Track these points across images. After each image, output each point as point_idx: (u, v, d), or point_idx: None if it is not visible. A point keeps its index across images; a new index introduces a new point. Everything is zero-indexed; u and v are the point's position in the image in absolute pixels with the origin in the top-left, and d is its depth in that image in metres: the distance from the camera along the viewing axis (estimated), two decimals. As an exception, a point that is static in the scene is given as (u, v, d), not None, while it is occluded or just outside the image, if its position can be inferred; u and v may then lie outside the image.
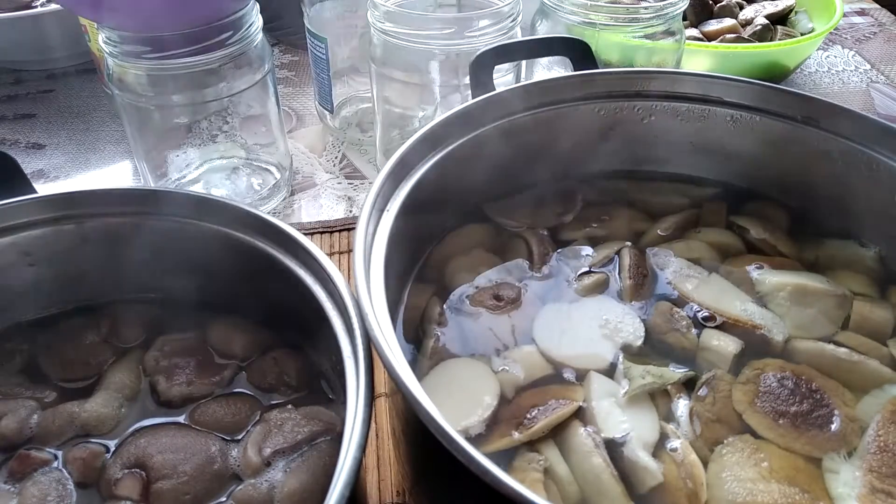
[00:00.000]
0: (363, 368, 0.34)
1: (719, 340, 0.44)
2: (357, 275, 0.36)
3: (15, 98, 0.96)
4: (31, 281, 0.45)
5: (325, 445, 0.39)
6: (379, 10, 0.66)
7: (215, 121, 0.73)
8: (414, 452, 0.40)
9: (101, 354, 0.44)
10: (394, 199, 0.43)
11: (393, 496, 0.49)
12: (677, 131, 0.55)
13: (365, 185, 0.80)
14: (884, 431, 0.39)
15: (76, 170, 0.83)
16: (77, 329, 0.45)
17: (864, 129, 0.48)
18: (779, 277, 0.48)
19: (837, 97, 0.96)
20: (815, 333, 0.45)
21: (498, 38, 0.66)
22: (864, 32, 1.13)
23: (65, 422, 0.40)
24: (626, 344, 0.44)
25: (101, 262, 0.45)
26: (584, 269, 0.50)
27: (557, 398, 0.40)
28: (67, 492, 0.38)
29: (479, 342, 0.45)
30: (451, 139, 0.48)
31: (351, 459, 0.29)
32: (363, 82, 0.87)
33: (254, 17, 0.67)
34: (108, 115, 0.92)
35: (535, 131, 0.53)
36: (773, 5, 0.97)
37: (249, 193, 0.75)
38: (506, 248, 0.52)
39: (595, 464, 0.37)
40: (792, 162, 0.53)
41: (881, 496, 0.36)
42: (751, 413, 0.40)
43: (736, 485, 0.37)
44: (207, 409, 0.41)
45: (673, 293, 0.48)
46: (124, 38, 0.62)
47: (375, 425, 0.54)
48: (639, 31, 0.69)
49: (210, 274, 0.45)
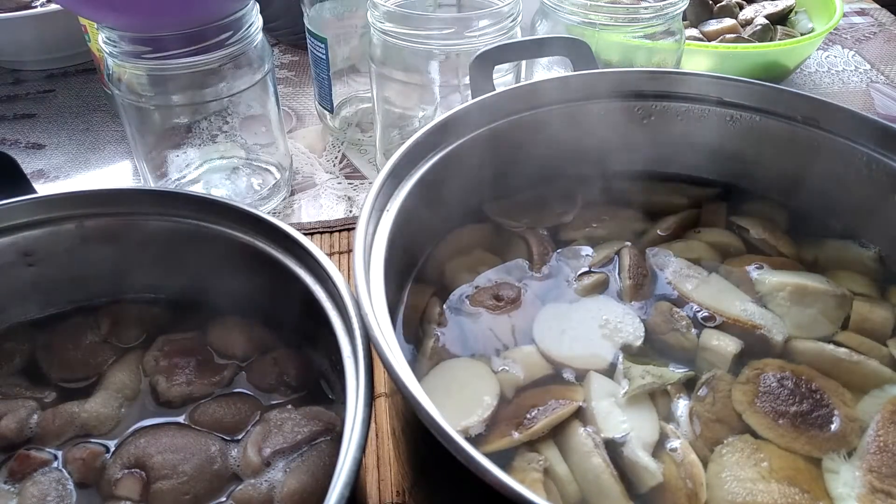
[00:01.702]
0: (363, 368, 0.34)
1: (719, 340, 0.44)
2: (357, 275, 0.36)
3: (15, 98, 0.96)
4: (31, 281, 0.45)
5: (324, 445, 0.39)
6: (379, 10, 0.66)
7: (215, 121, 0.73)
8: (414, 452, 0.40)
9: (101, 354, 0.44)
10: (394, 199, 0.43)
11: (393, 496, 0.49)
12: (677, 131, 0.55)
13: (365, 185, 0.80)
14: (883, 431, 0.39)
15: (76, 170, 0.83)
16: (77, 329, 0.45)
17: (864, 129, 0.48)
18: (779, 277, 0.48)
19: (837, 97, 0.96)
20: (814, 333, 0.45)
21: (498, 38, 0.66)
22: (864, 32, 1.13)
23: (65, 422, 0.40)
24: (625, 344, 0.44)
25: (101, 262, 0.45)
26: (584, 269, 0.50)
27: (557, 398, 0.40)
28: (67, 492, 0.38)
29: (479, 342, 0.45)
30: (451, 139, 0.48)
31: (351, 459, 0.29)
32: (363, 82, 0.87)
33: (254, 17, 0.67)
34: (108, 115, 0.92)
35: (535, 132, 0.53)
36: (773, 5, 0.97)
37: (249, 193, 0.75)
38: (506, 248, 0.52)
39: (595, 464, 0.37)
40: (792, 162, 0.53)
41: (881, 496, 0.36)
42: (751, 413, 0.40)
43: (736, 485, 0.37)
44: (207, 409, 0.41)
45: (673, 293, 0.48)
46: (124, 38, 0.62)
47: (375, 425, 0.54)
48: (639, 31, 0.69)
49: (210, 274, 0.45)
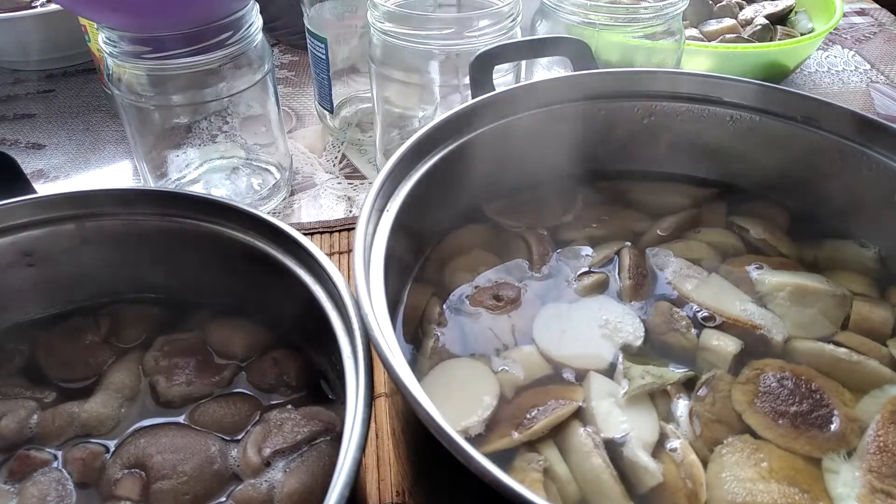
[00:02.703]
0: (363, 368, 0.34)
1: (719, 340, 0.44)
2: (357, 275, 0.36)
3: (15, 98, 0.96)
4: (31, 281, 0.45)
5: (324, 445, 0.39)
6: (379, 10, 0.66)
7: (215, 121, 0.73)
8: (414, 452, 0.40)
9: (101, 354, 0.44)
10: (394, 199, 0.43)
11: (393, 496, 0.49)
12: (677, 131, 0.55)
13: (365, 185, 0.80)
14: (883, 431, 0.39)
15: (76, 170, 0.83)
16: (77, 329, 0.45)
17: (864, 129, 0.48)
18: (778, 277, 0.48)
19: (837, 97, 0.96)
20: (814, 333, 0.45)
21: (498, 38, 0.66)
22: (863, 32, 1.13)
23: (64, 422, 0.40)
24: (625, 344, 0.44)
25: (101, 263, 0.45)
26: (584, 269, 0.50)
27: (557, 398, 0.40)
28: (67, 492, 0.37)
29: (479, 342, 0.45)
30: (451, 139, 0.48)
31: (350, 459, 0.29)
32: (363, 82, 0.87)
33: (254, 17, 0.67)
34: (108, 115, 0.92)
35: (535, 131, 0.53)
36: (773, 5, 0.97)
37: (249, 193, 0.75)
38: (506, 248, 0.52)
39: (595, 464, 0.37)
40: (792, 162, 0.53)
41: (881, 496, 0.36)
42: (750, 413, 0.40)
43: (735, 485, 0.37)
44: (207, 410, 0.41)
45: (672, 293, 0.48)
46: (124, 38, 0.62)
47: (375, 425, 0.54)
48: (639, 31, 0.69)
49: (210, 274, 0.45)
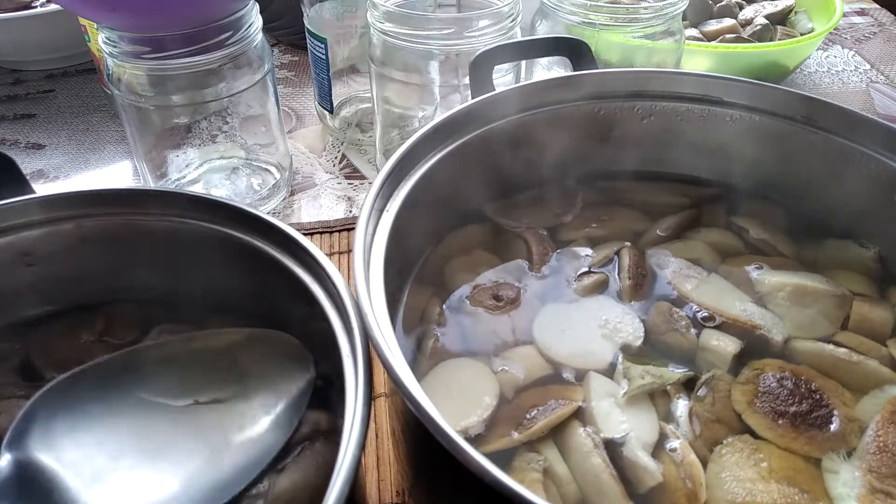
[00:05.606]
0: (362, 368, 0.33)
1: (719, 340, 0.44)
2: (357, 275, 0.36)
3: (15, 98, 0.96)
4: (29, 281, 0.45)
5: (319, 445, 0.39)
6: (379, 11, 0.66)
7: (215, 121, 0.73)
8: (413, 452, 0.40)
9: (96, 353, 0.44)
10: (394, 199, 0.43)
11: (392, 496, 0.49)
12: (677, 131, 0.55)
13: (365, 185, 0.80)
14: (883, 432, 0.39)
15: (76, 170, 0.83)
16: (72, 327, 0.45)
17: (864, 129, 0.48)
18: (778, 277, 0.48)
19: (837, 97, 0.96)
20: (814, 333, 0.45)
21: (498, 38, 0.66)
22: (863, 32, 1.13)
23: (63, 421, 0.40)
24: (625, 344, 0.44)
25: (100, 262, 0.45)
26: (584, 270, 0.50)
27: (557, 398, 0.40)
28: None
29: (479, 342, 0.45)
30: (451, 139, 0.48)
31: (350, 458, 0.29)
32: (363, 82, 0.87)
33: (253, 17, 0.67)
34: (108, 115, 0.92)
35: (535, 131, 0.53)
36: (772, 5, 0.97)
37: (249, 193, 0.75)
38: (506, 248, 0.52)
39: (594, 464, 0.37)
40: (792, 162, 0.52)
41: (880, 496, 0.36)
42: (750, 413, 0.40)
43: (735, 485, 0.37)
44: (207, 409, 0.41)
45: (672, 293, 0.48)
46: (124, 38, 0.62)
47: (375, 425, 0.54)
48: (639, 31, 0.69)
49: (209, 274, 0.44)
